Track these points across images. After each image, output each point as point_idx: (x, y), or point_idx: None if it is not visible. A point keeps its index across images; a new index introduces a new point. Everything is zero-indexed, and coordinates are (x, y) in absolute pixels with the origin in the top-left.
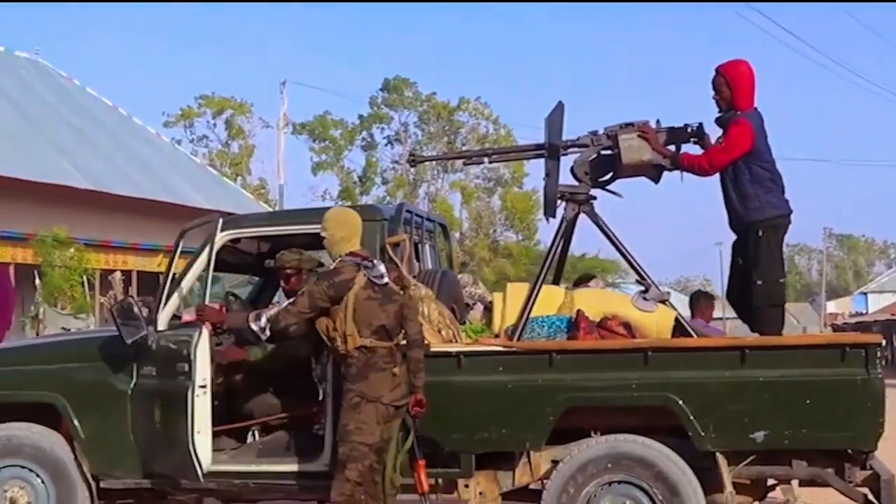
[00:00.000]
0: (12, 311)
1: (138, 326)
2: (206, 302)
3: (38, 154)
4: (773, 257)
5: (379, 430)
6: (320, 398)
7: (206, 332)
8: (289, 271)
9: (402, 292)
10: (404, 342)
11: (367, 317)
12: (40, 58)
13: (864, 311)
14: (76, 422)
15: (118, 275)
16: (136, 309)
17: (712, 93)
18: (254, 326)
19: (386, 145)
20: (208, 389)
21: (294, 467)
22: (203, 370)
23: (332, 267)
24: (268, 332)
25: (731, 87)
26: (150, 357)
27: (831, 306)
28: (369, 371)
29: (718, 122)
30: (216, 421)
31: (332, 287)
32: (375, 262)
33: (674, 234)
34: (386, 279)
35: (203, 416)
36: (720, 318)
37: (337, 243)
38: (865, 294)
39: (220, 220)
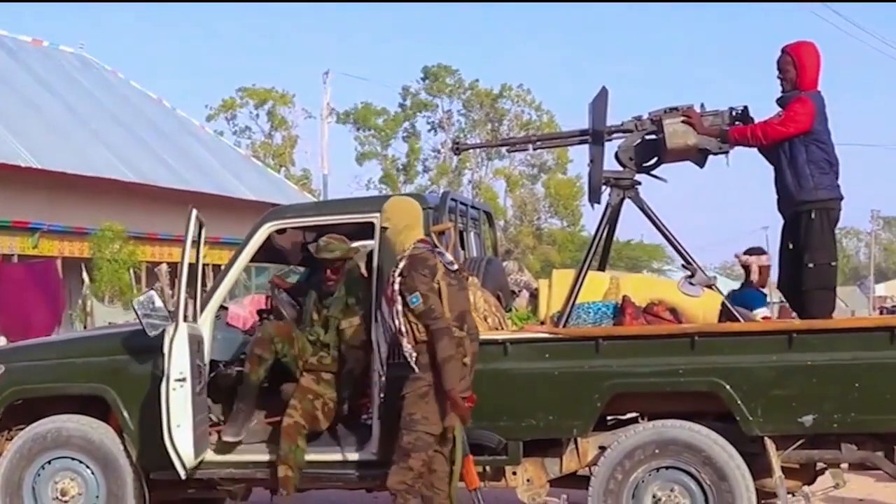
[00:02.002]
0: (62, 305)
1: (162, 319)
2: (253, 293)
3: (85, 148)
4: (824, 240)
5: (443, 420)
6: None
7: (182, 325)
8: (336, 262)
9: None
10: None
11: (452, 303)
12: (85, 52)
13: None
14: (125, 413)
15: (164, 267)
16: (158, 302)
17: (776, 73)
18: (413, 363)
19: (429, 131)
20: (188, 383)
21: (342, 456)
22: (179, 363)
23: (410, 254)
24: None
25: (797, 67)
26: None
27: (880, 289)
28: None
29: (780, 101)
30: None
31: (429, 273)
32: (440, 249)
33: (719, 218)
34: (456, 266)
35: (181, 409)
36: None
37: (401, 232)
38: None
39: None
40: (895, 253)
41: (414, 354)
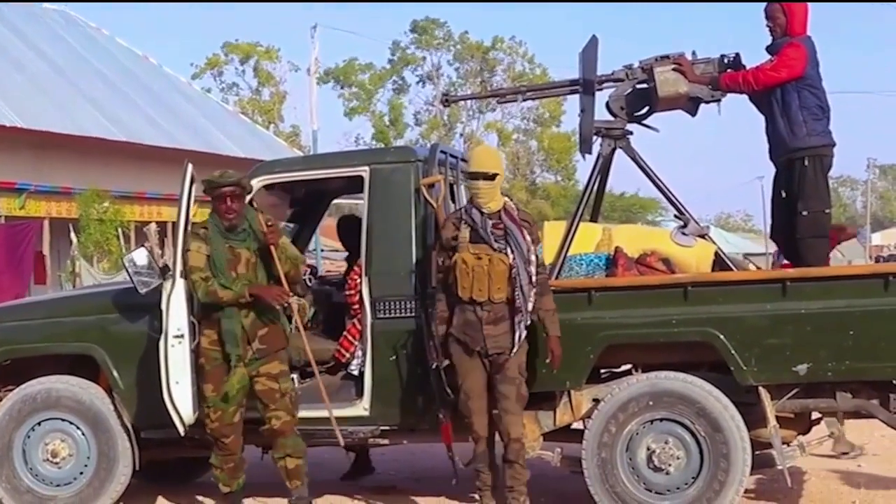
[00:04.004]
0: (34, 267)
1: (152, 276)
2: None
3: (71, 106)
4: (818, 187)
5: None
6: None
7: (180, 281)
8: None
9: None
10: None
11: None
12: (69, 9)
13: None
14: (115, 373)
15: (153, 226)
16: (148, 259)
17: (765, 21)
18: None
19: (418, 83)
20: (185, 339)
21: (334, 412)
22: (177, 320)
23: (519, 208)
24: None
25: (787, 13)
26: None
27: (877, 238)
28: None
29: (770, 49)
30: None
31: None
32: None
33: (713, 169)
34: None
35: (180, 366)
36: (762, 254)
37: (500, 184)
38: None
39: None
40: (891, 201)
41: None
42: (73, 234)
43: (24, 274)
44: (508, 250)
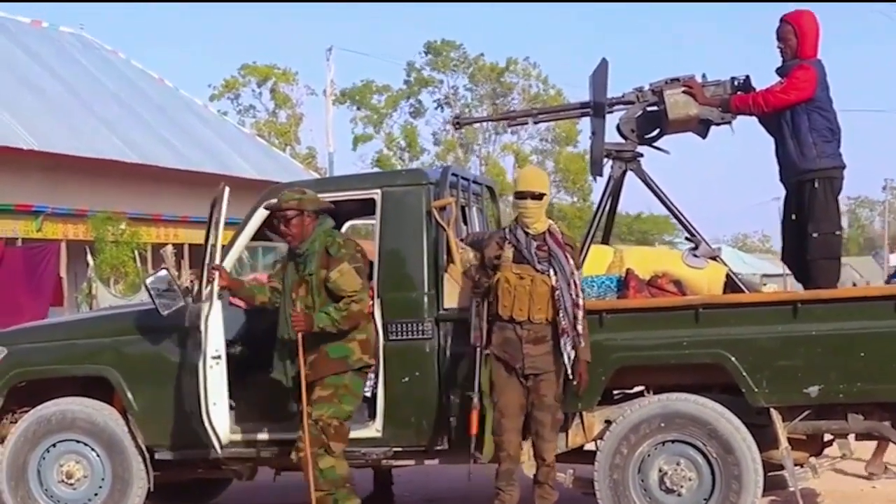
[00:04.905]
0: (49, 296)
1: (174, 298)
2: (258, 271)
3: (87, 129)
4: (828, 209)
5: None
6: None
7: (217, 303)
8: (289, 213)
9: None
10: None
11: None
12: (85, 32)
13: None
14: (129, 395)
15: (170, 248)
16: (171, 281)
17: (776, 42)
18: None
19: (436, 108)
20: (222, 360)
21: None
22: (215, 341)
23: (563, 232)
24: None
25: (798, 35)
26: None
27: (895, 259)
28: None
29: (780, 71)
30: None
31: None
32: None
33: (730, 189)
34: None
35: (217, 387)
36: (780, 275)
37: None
38: None
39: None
40: None
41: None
42: (89, 256)
43: (44, 296)
44: (552, 272)
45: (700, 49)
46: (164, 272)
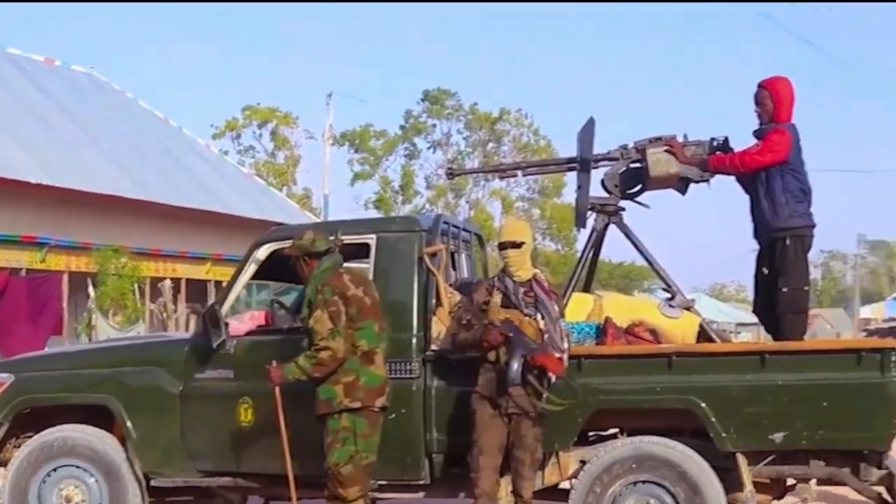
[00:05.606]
0: (56, 320)
1: (219, 332)
2: (253, 309)
3: (93, 165)
4: (798, 265)
5: None
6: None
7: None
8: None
9: None
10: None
11: None
12: (95, 72)
13: None
14: (129, 423)
15: (168, 282)
16: (219, 315)
17: (754, 107)
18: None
19: (429, 149)
20: None
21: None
22: None
23: (548, 280)
24: None
25: (775, 100)
26: (217, 360)
27: (866, 311)
28: None
29: (757, 133)
30: None
31: None
32: None
33: (708, 240)
34: None
35: None
36: (754, 324)
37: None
38: None
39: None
40: (880, 276)
41: None
42: (90, 288)
43: (45, 326)
44: (539, 316)
45: (682, 110)
46: (215, 308)
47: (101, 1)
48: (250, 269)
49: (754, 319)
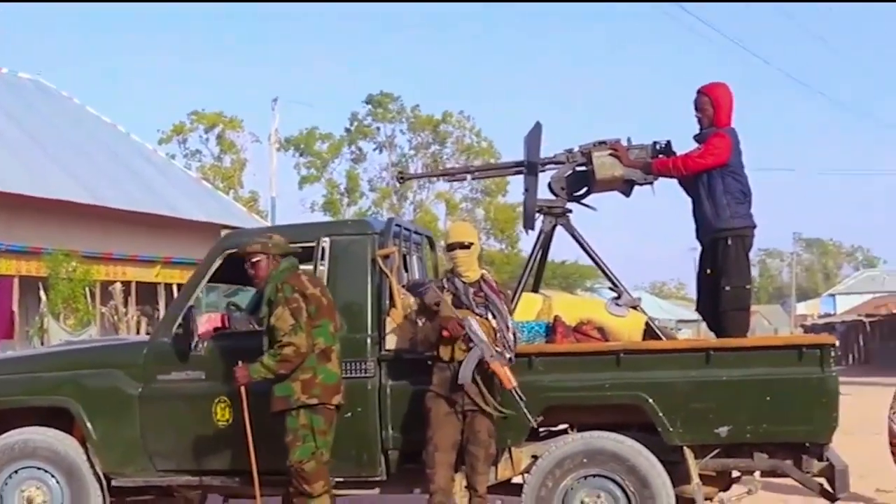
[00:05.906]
0: (7, 324)
1: (192, 335)
2: (204, 311)
3: (41, 170)
4: (739, 265)
5: None
6: None
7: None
8: (255, 259)
9: None
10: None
11: None
12: (42, 78)
13: (833, 312)
14: (89, 425)
15: (118, 286)
16: (195, 318)
17: (695, 112)
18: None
19: (374, 150)
20: None
21: None
22: None
23: (496, 281)
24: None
25: (715, 106)
26: (185, 361)
27: (801, 308)
28: None
29: (698, 138)
30: None
31: None
32: None
33: (650, 239)
34: None
35: None
36: (694, 321)
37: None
38: (834, 296)
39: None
40: (816, 273)
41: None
42: (42, 292)
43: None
44: (490, 315)
45: (626, 114)
46: (191, 313)
47: (46, 1)
48: (212, 271)
49: (694, 316)
